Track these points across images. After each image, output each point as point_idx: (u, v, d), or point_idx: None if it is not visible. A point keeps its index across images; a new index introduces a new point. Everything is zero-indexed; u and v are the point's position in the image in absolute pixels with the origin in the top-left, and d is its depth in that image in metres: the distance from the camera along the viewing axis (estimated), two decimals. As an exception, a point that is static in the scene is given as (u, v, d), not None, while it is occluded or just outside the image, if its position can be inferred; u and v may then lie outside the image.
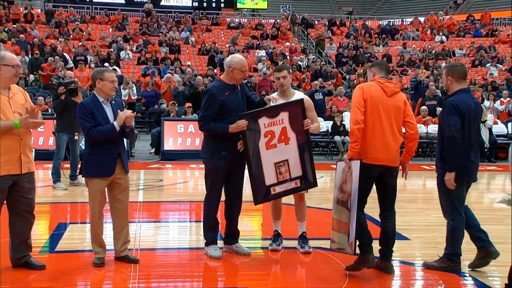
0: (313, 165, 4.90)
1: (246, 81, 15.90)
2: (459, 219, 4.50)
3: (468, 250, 4.68)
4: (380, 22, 29.20)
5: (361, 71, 18.83)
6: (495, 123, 13.87)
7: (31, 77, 17.03)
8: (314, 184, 4.96)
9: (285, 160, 4.78)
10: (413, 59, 20.96)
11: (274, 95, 5.08)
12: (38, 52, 17.81)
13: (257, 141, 4.71)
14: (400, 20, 29.40)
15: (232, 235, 5.01)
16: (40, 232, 5.69)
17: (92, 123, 4.38)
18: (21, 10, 23.52)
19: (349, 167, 4.31)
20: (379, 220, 4.63)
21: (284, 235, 5.20)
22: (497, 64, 20.45)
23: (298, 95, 5.05)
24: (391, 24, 27.74)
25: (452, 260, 4.55)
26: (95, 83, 4.49)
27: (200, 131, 5.04)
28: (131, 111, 4.65)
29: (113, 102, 4.57)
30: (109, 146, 4.44)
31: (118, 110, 4.49)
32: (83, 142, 8.62)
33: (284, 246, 5.13)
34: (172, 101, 13.76)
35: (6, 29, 20.38)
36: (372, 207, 4.67)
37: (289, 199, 5.21)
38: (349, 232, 4.31)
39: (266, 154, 4.73)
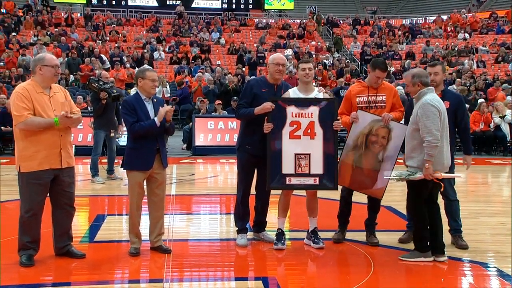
0: (337, 168, 4.81)
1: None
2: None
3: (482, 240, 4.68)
4: (404, 21, 28.91)
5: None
6: (517, 118, 13.66)
7: (71, 77, 17.68)
8: (334, 187, 4.83)
9: (307, 154, 4.74)
10: (436, 57, 20.70)
11: (292, 90, 4.96)
12: (75, 53, 18.46)
13: (281, 127, 4.73)
14: (423, 18, 29.11)
15: (259, 225, 5.19)
16: (80, 223, 5.92)
17: (135, 118, 4.58)
18: (62, 15, 24.43)
19: (386, 123, 4.78)
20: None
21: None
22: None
23: (318, 93, 4.97)
24: (414, 22, 27.45)
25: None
26: (137, 81, 4.69)
27: (237, 119, 5.21)
28: (170, 106, 4.87)
29: (155, 100, 4.77)
30: (149, 141, 4.63)
31: (160, 107, 4.69)
32: (120, 138, 9.01)
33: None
34: (202, 99, 14.04)
35: (48, 33, 21.25)
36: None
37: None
38: (378, 179, 4.81)
39: (289, 143, 4.73)
